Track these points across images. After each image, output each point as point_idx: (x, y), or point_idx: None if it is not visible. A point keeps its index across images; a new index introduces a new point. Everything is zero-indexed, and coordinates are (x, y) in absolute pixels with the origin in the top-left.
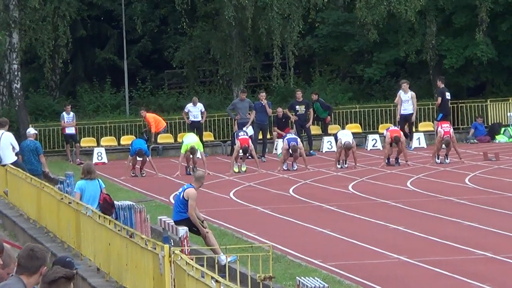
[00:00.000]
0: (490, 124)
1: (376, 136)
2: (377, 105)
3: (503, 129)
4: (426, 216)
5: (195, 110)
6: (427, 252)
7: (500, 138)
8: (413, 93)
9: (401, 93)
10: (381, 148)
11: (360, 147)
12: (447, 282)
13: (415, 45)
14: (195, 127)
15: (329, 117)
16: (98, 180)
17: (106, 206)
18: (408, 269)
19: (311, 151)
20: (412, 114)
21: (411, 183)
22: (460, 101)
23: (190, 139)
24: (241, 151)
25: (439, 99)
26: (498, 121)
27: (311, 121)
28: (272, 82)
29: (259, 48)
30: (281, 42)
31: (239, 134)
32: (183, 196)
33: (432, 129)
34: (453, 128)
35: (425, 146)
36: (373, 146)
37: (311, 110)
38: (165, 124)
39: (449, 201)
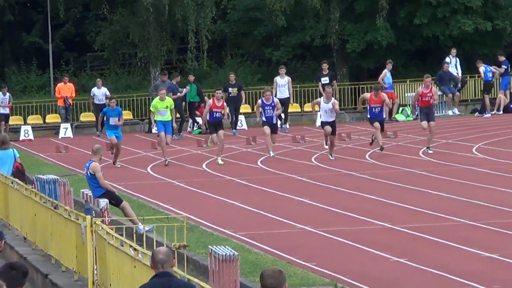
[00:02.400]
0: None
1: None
2: None
3: (401, 108)
4: (329, 189)
5: (99, 94)
6: (329, 222)
7: (399, 117)
8: (289, 78)
9: (277, 78)
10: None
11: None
12: (349, 250)
13: (320, 30)
14: (100, 110)
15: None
16: (13, 150)
17: (18, 174)
18: (312, 238)
19: (233, 130)
20: (288, 98)
21: (315, 159)
22: (361, 82)
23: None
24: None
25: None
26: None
27: (243, 101)
28: (187, 65)
29: (175, 33)
30: (196, 27)
31: None
32: (89, 172)
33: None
34: (354, 108)
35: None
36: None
37: (242, 92)
38: None
39: (350, 175)
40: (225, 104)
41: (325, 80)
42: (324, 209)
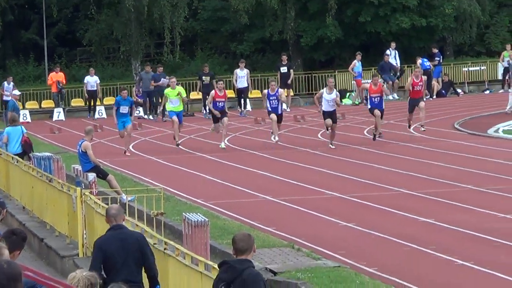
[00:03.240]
0: (338, 90)
1: (247, 101)
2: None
3: (348, 94)
4: (287, 164)
5: (92, 81)
6: (287, 192)
7: (346, 101)
8: (248, 70)
9: (237, 70)
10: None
11: (234, 109)
12: (304, 216)
13: (278, 27)
14: (91, 96)
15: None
16: (21, 127)
17: (27, 146)
18: (272, 206)
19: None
20: (247, 87)
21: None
22: (313, 72)
23: None
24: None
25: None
26: (344, 88)
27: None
28: (163, 57)
29: (153, 30)
30: (171, 25)
31: None
32: (81, 150)
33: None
34: (309, 94)
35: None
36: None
37: (214, 80)
38: None
39: (305, 151)
40: (226, 93)
41: (284, 69)
42: (283, 181)
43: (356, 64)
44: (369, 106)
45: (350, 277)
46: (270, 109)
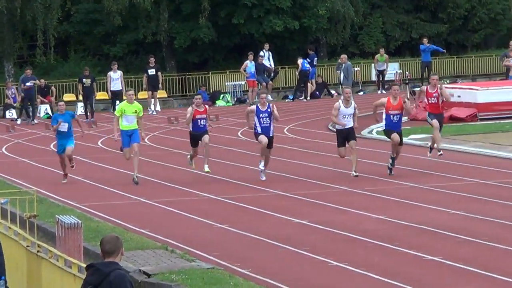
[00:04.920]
0: (211, 91)
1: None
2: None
3: (221, 95)
4: (160, 165)
5: None
6: (161, 194)
7: (220, 103)
8: (121, 72)
9: (111, 73)
10: None
11: (108, 111)
12: (177, 218)
13: (151, 28)
14: None
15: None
16: None
17: None
18: (146, 208)
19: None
20: (121, 90)
21: (149, 139)
22: (187, 73)
23: None
24: None
25: None
26: (218, 89)
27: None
28: (36, 59)
29: (26, 32)
30: (44, 27)
31: None
32: None
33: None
34: (183, 96)
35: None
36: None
37: (94, 83)
38: None
39: (179, 153)
40: (207, 108)
41: (151, 71)
42: (156, 183)
43: (248, 65)
44: (384, 127)
45: (224, 278)
46: (259, 130)
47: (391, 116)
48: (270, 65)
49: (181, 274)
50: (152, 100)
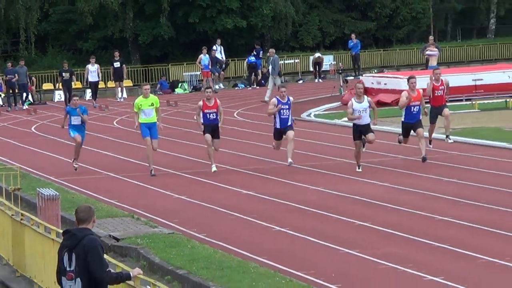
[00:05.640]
0: (171, 81)
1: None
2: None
3: (180, 84)
4: (122, 144)
5: None
6: (128, 169)
7: (178, 90)
8: (98, 65)
9: (89, 66)
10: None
11: (82, 98)
12: (140, 189)
13: (119, 26)
14: None
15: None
16: None
17: None
18: (114, 181)
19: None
20: (98, 81)
21: (116, 122)
22: (150, 65)
23: None
24: None
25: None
26: (176, 79)
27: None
28: (19, 53)
29: (9, 30)
30: (25, 26)
31: None
32: None
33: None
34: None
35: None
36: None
37: (74, 76)
38: None
39: (134, 132)
40: (218, 102)
41: (116, 64)
42: (124, 160)
43: (202, 58)
44: (403, 119)
45: (183, 242)
46: (278, 124)
47: (412, 107)
48: (222, 58)
49: (145, 239)
50: (119, 89)
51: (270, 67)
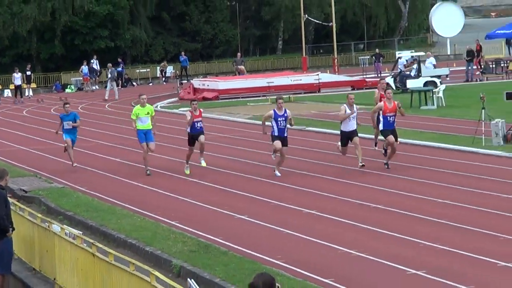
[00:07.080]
0: (62, 83)
1: (8, 90)
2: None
3: (68, 85)
4: (31, 127)
5: None
6: (34, 145)
7: (68, 90)
8: (21, 73)
9: (14, 74)
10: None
11: (8, 96)
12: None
13: (27, 47)
14: None
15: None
16: None
17: None
18: (26, 153)
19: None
20: (20, 84)
21: (26, 112)
22: (48, 73)
23: None
24: None
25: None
26: (66, 82)
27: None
28: None
29: None
30: None
31: None
32: None
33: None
34: (45, 86)
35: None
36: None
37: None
38: None
39: (44, 120)
40: (201, 112)
41: (28, 72)
42: (30, 138)
43: (83, 68)
44: (381, 127)
45: (70, 193)
46: (276, 132)
47: (388, 117)
48: (97, 68)
49: (45, 191)
50: (30, 89)
51: (109, 75)
